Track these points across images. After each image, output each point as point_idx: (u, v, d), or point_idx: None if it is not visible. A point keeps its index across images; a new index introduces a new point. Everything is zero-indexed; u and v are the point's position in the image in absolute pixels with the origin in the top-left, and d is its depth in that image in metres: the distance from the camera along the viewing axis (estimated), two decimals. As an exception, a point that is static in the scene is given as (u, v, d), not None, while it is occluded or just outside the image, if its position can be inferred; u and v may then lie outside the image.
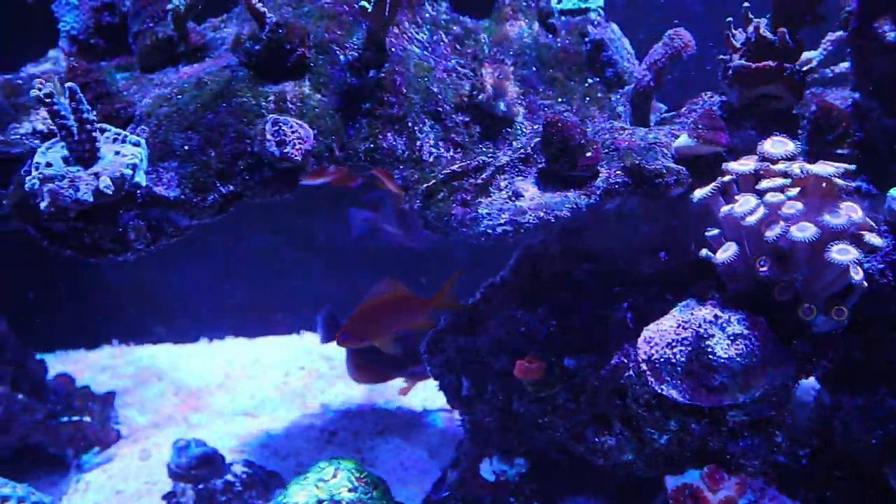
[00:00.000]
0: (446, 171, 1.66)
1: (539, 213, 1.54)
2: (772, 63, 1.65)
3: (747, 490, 1.62)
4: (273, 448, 2.54)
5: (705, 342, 1.48)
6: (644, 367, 1.56)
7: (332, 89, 1.70)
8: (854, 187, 1.52)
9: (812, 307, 1.44)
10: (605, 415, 1.69)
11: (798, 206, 1.40)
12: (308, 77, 1.70)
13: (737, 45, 1.72)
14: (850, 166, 1.44)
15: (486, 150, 1.75)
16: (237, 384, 3.02)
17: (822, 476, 1.68)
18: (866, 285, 1.42)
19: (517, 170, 1.66)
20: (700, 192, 1.54)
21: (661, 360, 1.53)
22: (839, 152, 1.61)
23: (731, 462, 1.61)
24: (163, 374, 3.09)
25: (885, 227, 1.51)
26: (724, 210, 1.50)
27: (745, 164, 1.51)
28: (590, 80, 1.94)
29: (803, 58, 1.71)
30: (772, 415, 1.56)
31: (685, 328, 1.51)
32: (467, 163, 1.67)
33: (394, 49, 1.76)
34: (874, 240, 1.40)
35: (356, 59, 1.71)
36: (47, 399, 2.46)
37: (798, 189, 1.43)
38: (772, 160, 1.48)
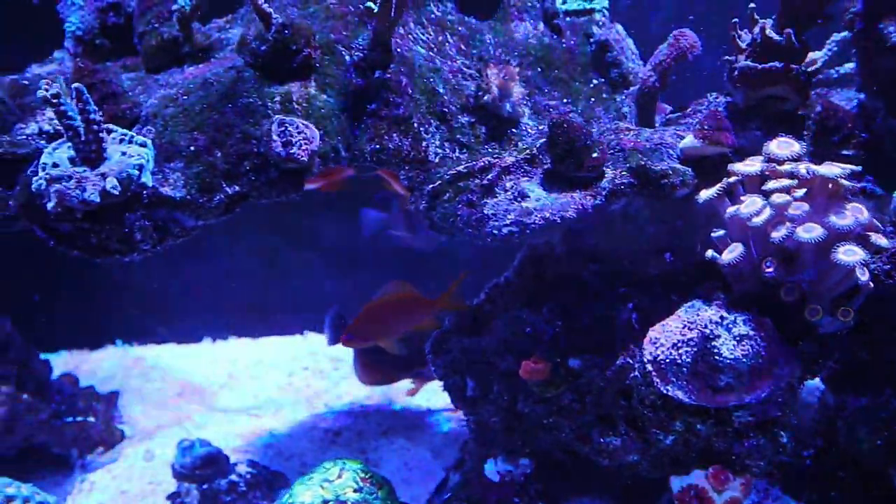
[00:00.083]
0: (452, 171, 1.66)
1: (545, 214, 1.54)
2: (778, 64, 1.66)
3: (752, 490, 1.62)
4: (277, 448, 2.54)
5: (711, 343, 1.48)
6: (649, 367, 1.56)
7: (338, 90, 1.70)
8: (860, 188, 1.52)
9: (818, 308, 1.45)
10: (611, 415, 1.69)
11: (804, 207, 1.40)
12: (314, 78, 1.70)
13: (742, 45, 1.72)
14: (856, 167, 1.44)
15: (491, 150, 1.75)
16: (241, 384, 3.02)
17: (826, 476, 1.68)
18: (872, 286, 1.42)
19: (523, 170, 1.66)
20: (706, 193, 1.54)
21: (667, 360, 1.53)
22: (844, 153, 1.62)
23: (737, 463, 1.61)
24: (166, 374, 3.09)
25: (891, 227, 1.51)
26: (729, 211, 1.50)
27: (751, 165, 1.51)
28: (595, 81, 1.95)
29: (808, 58, 1.71)
30: (777, 415, 1.56)
31: (691, 329, 1.51)
32: (473, 163, 1.67)
33: (399, 50, 1.76)
34: (880, 240, 1.40)
35: (362, 59, 1.71)
36: (52, 399, 2.45)
37: (804, 190, 1.43)
38: (778, 161, 1.47)
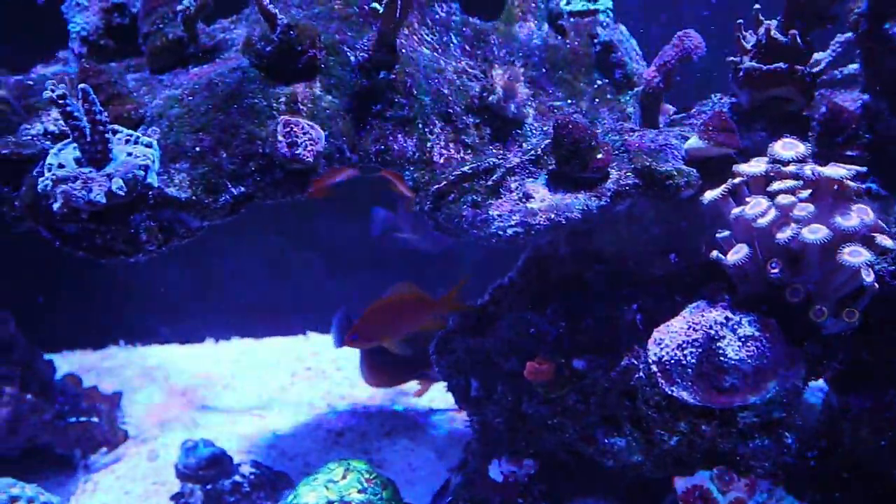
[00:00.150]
0: (457, 172, 1.66)
1: (550, 215, 1.55)
2: (783, 65, 1.66)
3: (756, 491, 1.62)
4: (280, 448, 2.54)
5: (716, 344, 1.48)
6: (654, 368, 1.56)
7: (343, 91, 1.70)
8: (865, 189, 1.52)
9: (823, 309, 1.45)
10: (615, 416, 1.69)
11: (810, 207, 1.40)
12: (319, 78, 1.70)
13: (747, 46, 1.72)
14: (861, 168, 1.44)
15: (496, 151, 1.75)
16: (244, 384, 3.02)
17: (831, 477, 1.68)
18: (877, 287, 1.42)
19: (527, 171, 1.66)
20: (711, 194, 1.53)
21: (672, 361, 1.53)
22: (849, 154, 1.61)
23: (741, 463, 1.61)
24: (170, 374, 3.09)
25: (896, 228, 1.51)
26: (734, 212, 1.50)
27: (756, 166, 1.51)
28: (599, 82, 1.95)
29: (812, 59, 1.71)
30: (782, 416, 1.56)
31: (696, 330, 1.51)
32: (478, 164, 1.67)
33: (404, 50, 1.76)
34: (886, 241, 1.40)
35: (367, 60, 1.71)
36: (55, 399, 2.45)
37: (809, 191, 1.43)
38: (783, 162, 1.47)
